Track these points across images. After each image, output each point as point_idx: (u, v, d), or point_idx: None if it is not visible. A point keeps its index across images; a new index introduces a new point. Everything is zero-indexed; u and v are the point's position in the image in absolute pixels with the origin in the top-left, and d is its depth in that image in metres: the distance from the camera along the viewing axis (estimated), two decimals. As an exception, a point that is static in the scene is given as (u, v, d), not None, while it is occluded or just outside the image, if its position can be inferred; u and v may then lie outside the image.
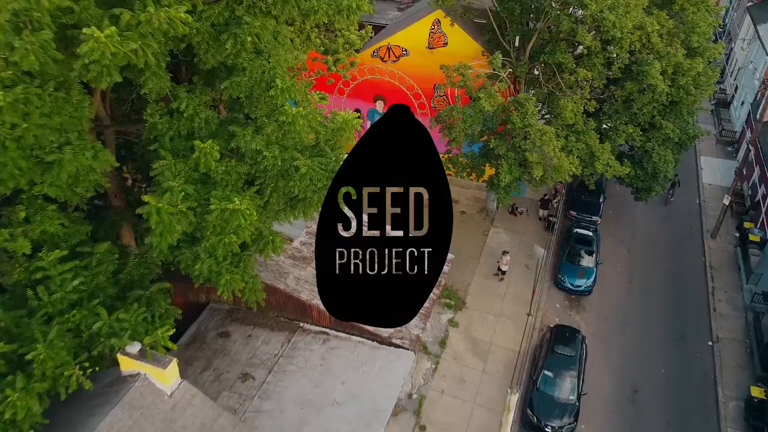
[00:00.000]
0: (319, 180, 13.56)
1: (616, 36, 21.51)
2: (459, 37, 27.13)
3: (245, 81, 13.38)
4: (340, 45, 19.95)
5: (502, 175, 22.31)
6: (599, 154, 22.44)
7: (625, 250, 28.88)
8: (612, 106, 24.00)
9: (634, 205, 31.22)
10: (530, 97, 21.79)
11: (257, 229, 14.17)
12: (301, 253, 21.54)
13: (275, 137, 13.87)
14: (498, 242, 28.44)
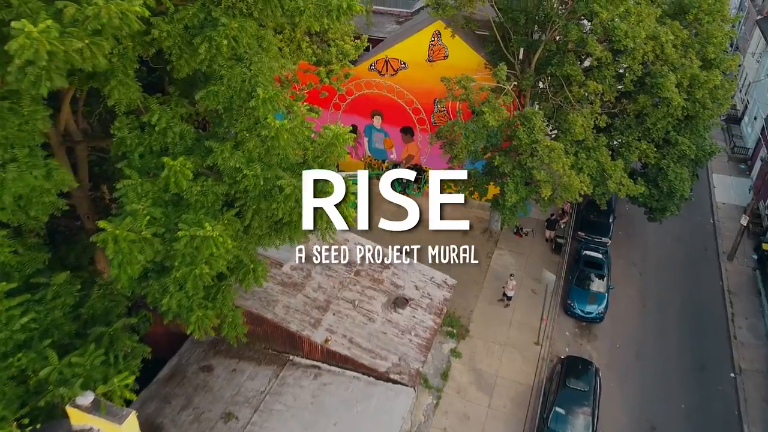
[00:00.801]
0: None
1: (628, 46, 20.14)
2: (460, 50, 25.79)
3: (223, 90, 11.91)
4: (334, 55, 18.57)
5: (508, 194, 20.79)
6: (611, 172, 20.94)
7: (637, 273, 27.26)
8: (624, 121, 22.57)
9: (646, 225, 29.64)
10: (537, 112, 20.36)
11: (236, 257, 12.59)
12: (291, 279, 19.93)
13: (257, 153, 12.38)
14: (503, 265, 26.82)
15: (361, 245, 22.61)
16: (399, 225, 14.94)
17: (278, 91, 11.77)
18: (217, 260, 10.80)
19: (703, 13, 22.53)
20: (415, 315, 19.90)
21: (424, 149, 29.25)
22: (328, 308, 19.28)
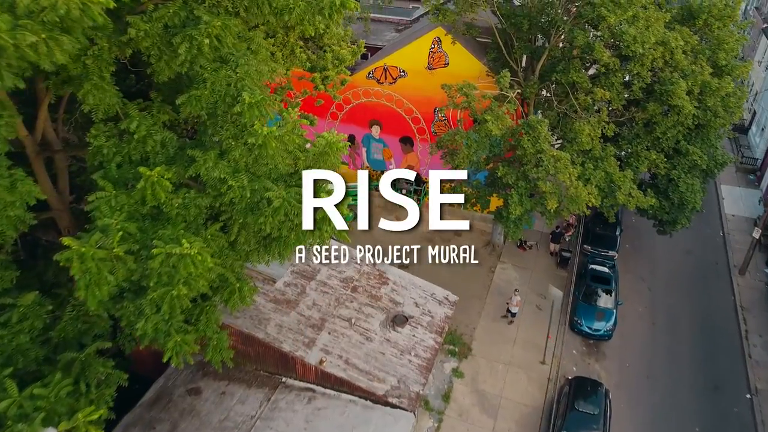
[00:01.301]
0: (296, 215, 11.07)
1: (637, 52, 19.29)
2: (461, 57, 24.96)
3: (206, 95, 11.00)
4: (329, 61, 17.67)
5: (512, 206, 19.83)
6: (620, 183, 20.01)
7: (645, 288, 26.24)
8: (632, 130, 21.67)
9: (653, 238, 28.67)
10: (542, 120, 19.46)
11: (221, 275, 11.61)
12: (284, 296, 18.93)
13: (244, 163, 11.44)
14: (506, 280, 25.82)
15: (359, 260, 21.72)
16: (399, 225, 14.88)
17: (266, 96, 10.84)
18: (197, 280, 9.83)
19: (713, 19, 21.72)
20: (415, 334, 18.87)
21: (424, 160, 28.35)
22: (323, 327, 18.26)
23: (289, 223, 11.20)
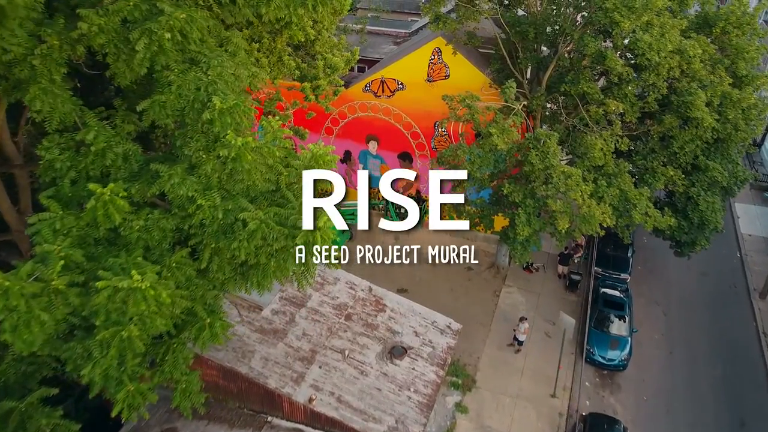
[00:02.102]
0: (276, 239, 9.51)
1: (653, 60, 17.91)
2: (462, 68, 23.62)
3: (172, 100, 9.51)
4: (320, 69, 16.25)
5: (519, 227, 18.29)
6: (636, 202, 18.48)
7: (660, 313, 24.58)
8: (647, 145, 20.21)
9: (667, 259, 27.11)
10: (552, 133, 18.00)
11: (189, 308, 10.02)
12: (271, 325, 17.29)
13: (217, 179, 9.92)
14: (512, 304, 24.17)
15: (353, 284, 20.13)
16: (399, 225, 14.91)
17: (241, 101, 9.35)
18: (153, 318, 8.23)
19: (731, 26, 20.37)
20: (414, 367, 17.19)
21: (424, 176, 26.84)
22: (314, 360, 16.59)
23: (268, 249, 9.64)
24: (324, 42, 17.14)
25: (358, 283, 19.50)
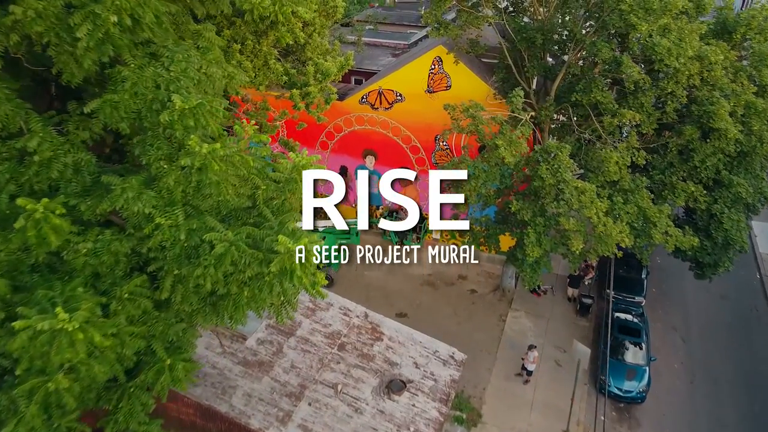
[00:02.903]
0: (248, 265, 7.95)
1: (672, 66, 16.51)
2: (465, 78, 22.27)
3: (126, 100, 8.02)
4: (311, 75, 14.81)
5: (529, 247, 16.73)
6: (656, 220, 16.94)
7: (679, 339, 22.91)
8: (665, 158, 18.72)
9: (682, 281, 25.55)
10: (563, 145, 16.55)
11: (145, 348, 8.43)
12: (257, 357, 15.65)
13: (181, 193, 8.38)
14: (519, 330, 22.51)
15: (347, 309, 18.52)
16: (399, 225, 15.15)
17: (207, 100, 7.87)
18: (88, 365, 6.65)
19: (752, 32, 19.03)
20: (415, 403, 15.50)
21: (425, 193, 25.33)
22: (303, 396, 14.92)
23: (240, 276, 8.07)
24: (315, 47, 15.74)
25: (353, 308, 17.89)
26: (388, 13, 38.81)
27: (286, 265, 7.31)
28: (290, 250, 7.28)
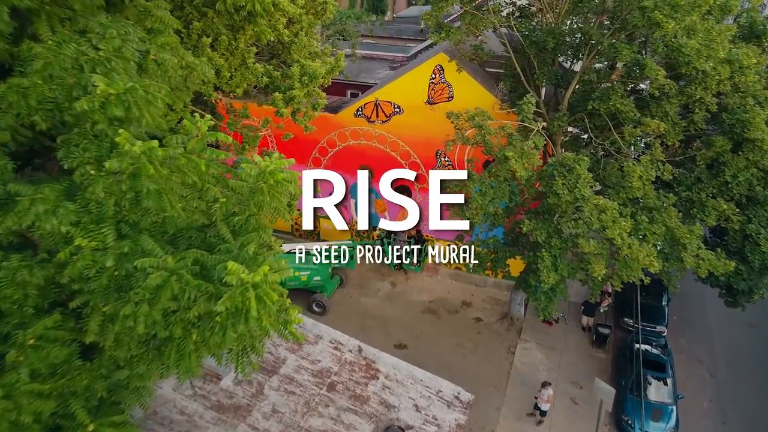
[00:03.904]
0: (194, 301, 6.00)
1: (702, 69, 14.75)
2: (468, 88, 20.53)
3: (39, 85, 6.17)
4: (296, 77, 13.01)
5: (544, 272, 14.77)
6: (686, 242, 15.02)
7: (706, 373, 20.80)
8: (692, 173, 16.87)
9: (705, 308, 23.59)
10: (582, 158, 14.71)
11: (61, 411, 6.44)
12: (232, 400, 13.58)
13: (113, 207, 6.48)
14: (530, 363, 20.42)
15: (339, 343, 16.51)
16: (399, 225, 15.18)
17: (144, 84, 6.01)
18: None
19: (784, 35, 17.35)
20: (414, 454, 13.41)
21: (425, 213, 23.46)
22: (285, 446, 12.84)
23: (183, 314, 6.12)
24: (302, 47, 13.98)
25: (345, 342, 15.86)
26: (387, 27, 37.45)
27: (237, 303, 5.38)
28: (244, 282, 5.36)
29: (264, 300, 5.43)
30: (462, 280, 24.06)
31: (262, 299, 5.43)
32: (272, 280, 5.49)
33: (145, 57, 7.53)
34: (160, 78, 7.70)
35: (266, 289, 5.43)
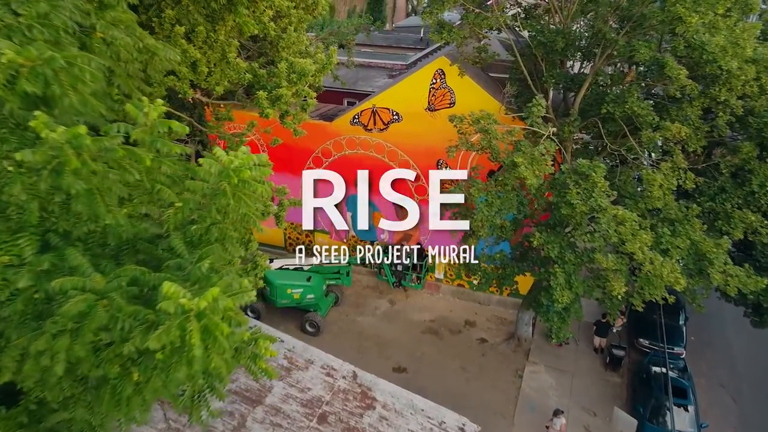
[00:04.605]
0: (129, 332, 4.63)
1: (727, 68, 13.51)
2: (471, 93, 19.30)
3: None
4: (283, 75, 11.74)
5: (557, 291, 13.39)
6: (713, 257, 13.66)
7: (729, 398, 19.31)
8: (716, 181, 15.56)
9: (723, 327, 22.18)
10: (598, 164, 13.40)
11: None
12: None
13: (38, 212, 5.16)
14: (539, 388, 18.94)
15: (332, 368, 15.08)
16: (399, 225, 15.22)
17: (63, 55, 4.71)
18: None
19: (810, 36, 16.17)
20: (415, 496, 11.93)
21: (425, 226, 22.13)
22: (268, 488, 11.37)
23: (119, 350, 4.75)
24: (290, 43, 12.75)
25: (338, 367, 14.42)
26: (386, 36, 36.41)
27: (174, 337, 4.03)
28: (184, 309, 4.01)
29: (212, 332, 4.08)
30: (465, 298, 22.66)
31: (209, 331, 4.08)
32: (224, 306, 4.14)
33: (90, 34, 6.24)
34: (110, 60, 6.41)
35: (214, 319, 4.07)
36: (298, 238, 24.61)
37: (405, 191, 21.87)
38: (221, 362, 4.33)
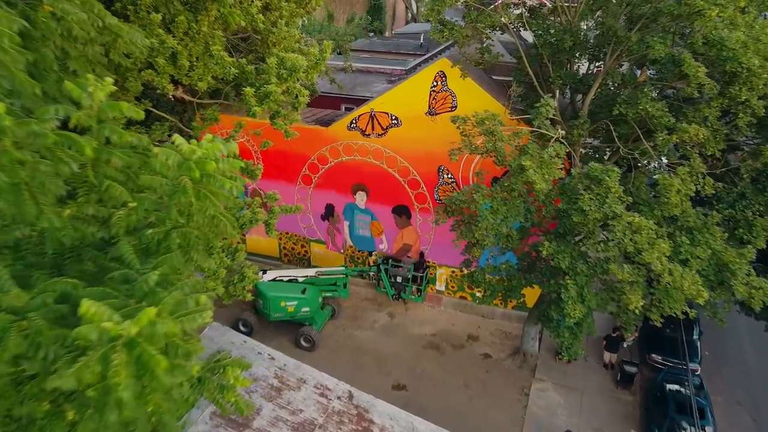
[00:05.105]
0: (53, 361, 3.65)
1: (748, 66, 12.62)
2: (473, 96, 18.42)
3: None
4: (273, 70, 10.85)
5: (568, 304, 12.42)
6: (736, 267, 12.69)
7: (747, 417, 18.25)
8: (735, 187, 14.62)
9: (738, 341, 21.16)
10: (611, 168, 12.48)
11: None
12: (192, 461, 11.08)
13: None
14: (546, 407, 17.89)
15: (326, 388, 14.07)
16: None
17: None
18: None
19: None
20: None
21: (426, 236, 21.19)
22: None
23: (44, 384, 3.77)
24: (281, 38, 11.87)
25: (333, 386, 13.40)
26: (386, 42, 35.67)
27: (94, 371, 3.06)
28: (110, 336, 3.05)
29: (147, 365, 3.11)
30: (467, 311, 21.66)
31: (144, 365, 3.12)
32: (166, 331, 3.16)
33: (36, 7, 5.31)
34: (60, 39, 5.48)
35: (147, 349, 3.10)
36: (293, 248, 23.65)
37: (404, 199, 21.02)
38: (167, 403, 3.37)
